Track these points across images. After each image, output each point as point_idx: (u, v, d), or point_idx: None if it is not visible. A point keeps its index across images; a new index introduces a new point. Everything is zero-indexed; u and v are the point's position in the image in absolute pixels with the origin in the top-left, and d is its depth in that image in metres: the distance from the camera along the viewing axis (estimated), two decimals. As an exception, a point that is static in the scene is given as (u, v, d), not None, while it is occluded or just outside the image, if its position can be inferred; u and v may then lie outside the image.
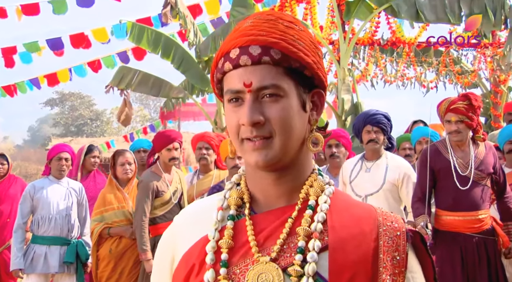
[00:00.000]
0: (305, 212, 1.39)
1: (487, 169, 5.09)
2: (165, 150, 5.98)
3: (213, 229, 1.42)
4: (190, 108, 17.13)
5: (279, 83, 1.33)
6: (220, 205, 1.47)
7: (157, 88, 12.17)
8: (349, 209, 1.42)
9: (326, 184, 1.46)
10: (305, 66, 1.37)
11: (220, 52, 1.41)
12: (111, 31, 13.51)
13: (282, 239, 1.36)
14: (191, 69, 11.32)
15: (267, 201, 1.43)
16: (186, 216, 1.55)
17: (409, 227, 1.41)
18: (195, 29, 10.53)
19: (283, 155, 1.36)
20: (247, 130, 1.34)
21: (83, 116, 56.31)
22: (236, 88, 1.35)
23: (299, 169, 1.43)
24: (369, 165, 5.50)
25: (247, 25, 1.38)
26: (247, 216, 1.42)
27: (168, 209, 5.99)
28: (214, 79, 1.45)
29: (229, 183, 1.52)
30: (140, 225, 5.78)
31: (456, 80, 10.40)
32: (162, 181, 5.97)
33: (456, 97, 5.19)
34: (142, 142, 7.65)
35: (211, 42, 9.18)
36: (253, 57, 1.33)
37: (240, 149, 1.39)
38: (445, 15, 7.28)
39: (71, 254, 6.03)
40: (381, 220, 1.39)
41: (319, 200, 1.40)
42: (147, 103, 63.35)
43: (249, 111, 1.32)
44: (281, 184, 1.41)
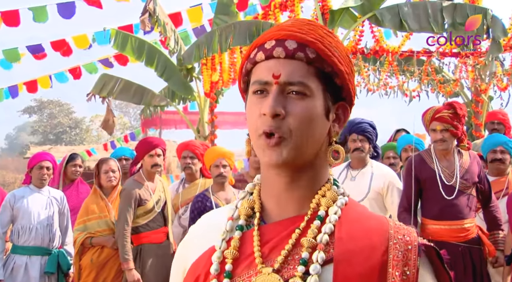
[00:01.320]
0: (313, 222, 1.35)
1: (472, 178, 5.11)
2: (147, 156, 5.91)
3: (220, 239, 1.40)
4: (171, 116, 17.05)
5: (308, 82, 1.31)
6: (231, 215, 1.45)
7: (139, 96, 12.10)
8: (361, 221, 1.37)
9: (340, 194, 1.41)
10: (337, 73, 1.35)
11: (255, 43, 1.39)
12: (93, 38, 13.41)
13: (287, 250, 1.32)
14: (173, 77, 11.28)
15: (279, 209, 1.40)
16: (200, 225, 1.54)
17: (423, 241, 1.35)
18: (176, 37, 10.49)
19: (298, 156, 1.33)
20: (266, 121, 1.31)
21: (62, 124, 55.79)
22: (265, 79, 1.33)
23: (313, 176, 1.40)
24: (355, 174, 5.49)
25: (288, 24, 1.37)
26: (256, 226, 1.39)
27: (151, 217, 5.91)
28: (242, 70, 1.43)
29: (243, 192, 1.51)
30: (122, 234, 5.70)
31: (438, 89, 10.45)
32: (144, 189, 5.90)
33: (441, 106, 5.20)
34: (123, 150, 7.57)
35: (195, 50, 9.13)
36: (287, 51, 1.32)
37: (256, 145, 1.35)
38: (428, 24, 7.32)
39: (52, 264, 5.94)
40: (392, 233, 1.34)
41: (329, 210, 1.36)
42: (127, 111, 63.01)
43: (272, 101, 1.29)
44: (294, 189, 1.38)
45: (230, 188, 5.87)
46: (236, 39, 8.20)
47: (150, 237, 5.91)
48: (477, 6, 7.56)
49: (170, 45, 10.18)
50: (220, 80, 9.93)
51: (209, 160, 5.81)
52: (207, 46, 8.77)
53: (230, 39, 8.23)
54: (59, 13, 12.41)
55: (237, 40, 8.21)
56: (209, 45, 8.70)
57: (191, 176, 6.59)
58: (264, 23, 7.95)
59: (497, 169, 5.96)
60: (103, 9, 12.16)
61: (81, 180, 7.50)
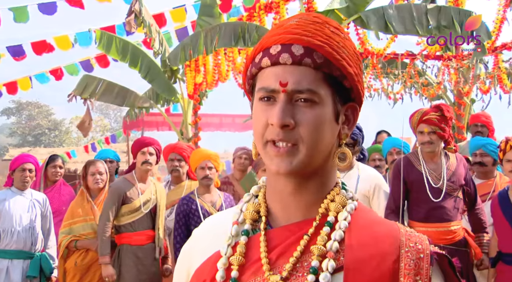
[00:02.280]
0: (322, 228, 1.31)
1: (459, 181, 5.12)
2: (139, 153, 5.86)
3: (225, 245, 1.36)
4: (153, 118, 16.94)
5: (316, 89, 1.27)
6: (236, 219, 1.40)
7: (121, 97, 12.01)
8: (371, 227, 1.33)
9: (349, 198, 1.37)
10: (346, 76, 1.30)
11: (260, 46, 1.34)
12: (74, 39, 13.27)
13: (295, 257, 1.28)
14: (157, 78, 11.21)
15: (285, 213, 1.36)
16: (204, 229, 1.49)
17: (435, 249, 1.32)
18: (161, 38, 10.42)
19: (307, 164, 1.29)
20: (273, 132, 1.27)
21: (41, 126, 55.35)
22: (271, 87, 1.28)
23: (322, 180, 1.36)
24: (341, 176, 5.42)
25: (292, 23, 1.31)
26: (262, 231, 1.35)
27: (136, 218, 5.82)
28: (247, 74, 1.38)
29: (247, 195, 1.47)
30: (102, 228, 5.65)
31: (421, 92, 10.49)
32: (133, 188, 5.83)
33: (429, 108, 5.21)
34: (108, 152, 7.50)
35: (181, 52, 9.06)
36: (294, 57, 1.27)
37: (263, 152, 1.31)
38: (413, 27, 7.34)
39: (34, 268, 5.83)
40: (404, 240, 1.30)
41: (339, 216, 1.32)
42: (107, 113, 62.67)
43: (280, 111, 1.25)
44: (302, 194, 1.34)
45: (215, 190, 5.83)
46: (221, 40, 8.15)
47: (131, 238, 5.81)
48: (461, 9, 7.60)
49: (155, 47, 10.09)
50: (204, 82, 9.87)
51: (195, 162, 5.77)
52: (192, 47, 8.70)
53: (216, 41, 8.18)
54: (40, 11, 12.28)
55: (222, 41, 8.16)
56: (194, 47, 8.63)
57: (178, 178, 6.55)
58: (249, 25, 7.90)
59: (479, 172, 5.98)
60: (85, 9, 12.08)
61: (64, 182, 7.41)
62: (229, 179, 7.10)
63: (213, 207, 5.66)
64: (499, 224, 5.11)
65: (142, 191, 5.87)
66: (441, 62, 10.31)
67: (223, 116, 18.50)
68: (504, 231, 5.01)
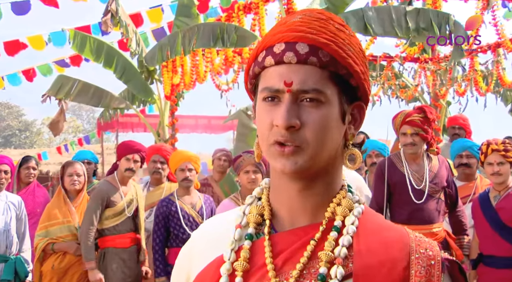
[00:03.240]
0: (329, 233, 1.26)
1: (441, 182, 5.14)
2: (124, 159, 5.78)
3: (229, 250, 1.30)
4: (128, 119, 16.77)
5: (322, 88, 1.22)
6: (239, 222, 1.35)
7: (97, 98, 11.83)
8: (379, 232, 1.29)
9: (355, 202, 1.32)
10: (352, 74, 1.26)
11: (262, 44, 1.28)
12: (48, 39, 13.07)
13: (302, 263, 1.23)
14: (133, 79, 11.07)
15: (290, 217, 1.31)
16: (204, 231, 1.43)
17: (446, 255, 1.28)
18: (138, 38, 10.32)
19: (312, 165, 1.24)
20: (279, 133, 1.22)
21: (11, 127, 54.62)
22: (275, 87, 1.23)
23: (328, 182, 1.30)
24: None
25: (296, 20, 1.26)
26: (266, 235, 1.29)
27: (120, 221, 5.76)
28: (249, 73, 1.32)
29: (250, 197, 1.40)
30: (86, 233, 5.56)
31: (399, 94, 10.55)
32: (116, 191, 5.77)
33: (412, 110, 5.22)
34: (85, 153, 7.37)
35: (158, 52, 8.97)
36: (299, 56, 1.22)
37: (268, 153, 1.26)
38: (392, 29, 7.35)
39: (9, 271, 5.69)
40: (414, 246, 1.26)
41: (346, 220, 1.28)
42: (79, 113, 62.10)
43: (286, 113, 1.20)
44: (307, 196, 1.29)
45: (195, 192, 5.78)
46: (199, 41, 8.07)
47: (115, 241, 5.75)
48: (440, 12, 7.62)
49: (132, 47, 9.98)
50: (181, 82, 9.79)
51: (175, 164, 5.72)
52: (170, 48, 8.62)
53: (194, 41, 8.09)
54: (13, 11, 12.08)
55: (200, 42, 8.08)
56: (172, 47, 8.54)
57: (158, 180, 6.49)
58: (228, 25, 7.84)
59: (463, 174, 6.01)
60: (59, 8, 11.90)
61: (38, 184, 7.28)
62: (208, 180, 7.06)
63: (193, 208, 5.62)
64: (480, 226, 5.14)
65: (125, 194, 5.80)
66: (418, 64, 10.39)
67: (199, 117, 18.43)
68: (485, 233, 5.04)
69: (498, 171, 4.90)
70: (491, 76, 9.94)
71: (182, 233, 5.50)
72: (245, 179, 5.20)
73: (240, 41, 7.68)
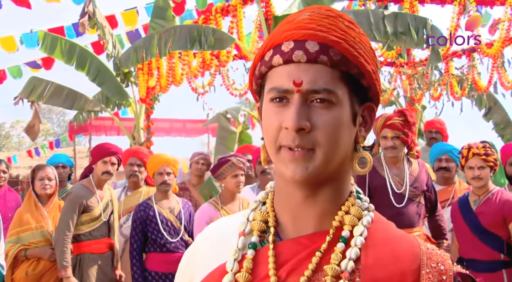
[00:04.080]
0: (336, 245, 1.20)
1: (421, 186, 5.13)
2: (101, 162, 5.66)
3: (231, 259, 1.24)
4: (101, 122, 16.58)
5: (333, 89, 1.16)
6: (242, 230, 1.28)
7: (70, 100, 11.64)
8: (389, 243, 1.23)
9: (364, 209, 1.26)
10: (364, 74, 1.20)
11: (269, 43, 1.22)
12: (20, 40, 12.86)
13: (306, 276, 1.17)
14: (107, 81, 10.91)
15: (295, 224, 1.25)
16: (207, 236, 1.37)
17: (459, 268, 1.23)
18: (114, 41, 10.17)
19: (324, 170, 1.18)
20: (288, 136, 1.16)
21: (-21, 130, 53.73)
22: (284, 87, 1.17)
23: (337, 188, 1.25)
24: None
25: (304, 18, 1.20)
26: (271, 244, 1.23)
27: (96, 226, 5.65)
28: (255, 72, 1.26)
29: (254, 202, 1.34)
30: (62, 239, 5.41)
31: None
32: (93, 195, 5.64)
33: (393, 113, 5.21)
34: (60, 157, 7.20)
35: (133, 54, 8.83)
36: (309, 54, 1.16)
37: (276, 157, 1.20)
38: (371, 32, 7.35)
39: (-17, 276, 5.54)
40: (425, 260, 1.21)
41: (355, 231, 1.21)
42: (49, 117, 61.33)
43: (296, 114, 1.14)
44: (314, 203, 1.23)
45: (174, 197, 5.71)
46: (176, 43, 7.98)
47: (91, 246, 5.64)
48: (417, 16, 7.66)
49: (108, 49, 9.83)
50: (157, 85, 9.69)
51: (153, 167, 5.63)
52: (145, 50, 8.51)
53: (170, 43, 8.00)
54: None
55: (177, 44, 7.99)
56: (147, 49, 8.43)
57: (136, 184, 6.38)
58: (205, 28, 7.77)
59: (442, 177, 6.02)
60: (32, 9, 11.71)
61: (9, 188, 7.12)
62: (186, 184, 6.98)
63: (171, 213, 5.55)
64: (459, 230, 5.14)
65: (101, 198, 5.69)
66: (394, 68, 10.44)
67: (174, 121, 18.31)
68: (465, 237, 5.05)
69: (479, 175, 4.91)
70: (466, 81, 10.03)
71: (160, 238, 5.42)
72: (234, 182, 5.15)
73: (218, 44, 7.62)
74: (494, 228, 4.89)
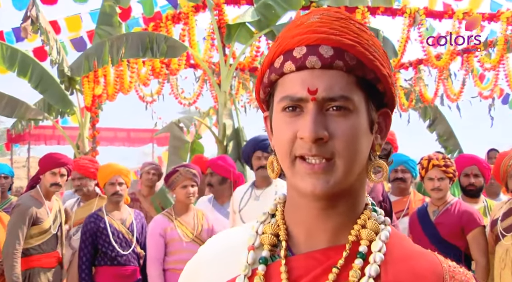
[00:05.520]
0: (354, 261, 1.12)
1: (377, 197, 5.12)
2: (49, 173, 5.44)
3: (242, 275, 1.15)
4: (41, 131, 16.05)
5: (350, 95, 1.09)
6: (252, 243, 1.19)
7: (10, 108, 11.19)
8: (409, 259, 1.16)
9: (381, 223, 1.18)
10: (380, 78, 1.13)
11: (279, 48, 1.14)
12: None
13: None
14: (50, 89, 10.56)
15: (308, 238, 1.17)
16: (212, 248, 1.27)
17: None
18: (58, 47, 9.85)
19: (345, 182, 1.10)
20: (304, 147, 1.09)
21: None
22: (298, 96, 1.09)
23: (353, 201, 1.17)
24: (259, 193, 5.32)
25: (314, 21, 1.12)
26: (283, 259, 1.15)
27: (45, 239, 5.43)
28: (263, 80, 1.17)
29: (263, 214, 1.25)
30: (12, 254, 5.17)
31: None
32: (42, 207, 5.40)
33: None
34: (2, 167, 6.89)
35: (84, 62, 8.57)
36: (324, 60, 1.08)
37: (291, 170, 1.12)
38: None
39: None
40: (448, 279, 1.15)
41: (373, 246, 1.14)
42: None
43: (312, 124, 1.07)
44: (330, 216, 1.15)
45: (125, 208, 5.56)
46: (128, 51, 7.79)
47: (41, 260, 5.40)
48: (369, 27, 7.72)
49: (52, 55, 9.50)
50: (104, 93, 9.43)
51: (104, 177, 5.47)
52: (97, 57, 8.27)
53: (122, 51, 7.81)
54: None
55: (129, 52, 7.81)
56: (99, 57, 8.20)
57: (86, 196, 6.16)
58: (158, 35, 7.63)
59: (398, 188, 6.04)
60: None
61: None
62: (136, 195, 6.82)
63: (123, 224, 5.41)
64: (418, 240, 5.13)
65: (50, 209, 5.47)
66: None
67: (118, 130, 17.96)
68: (424, 248, 5.05)
69: (439, 186, 4.93)
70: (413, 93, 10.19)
71: (111, 251, 5.27)
72: (183, 193, 5.07)
73: (170, 52, 7.49)
74: (452, 239, 4.93)
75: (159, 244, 5.01)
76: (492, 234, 4.97)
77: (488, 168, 5.61)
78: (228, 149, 7.69)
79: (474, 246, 4.88)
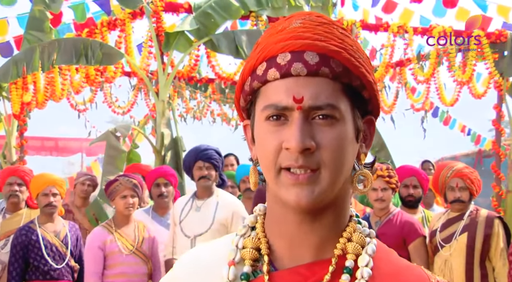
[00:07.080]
0: (341, 276, 1.08)
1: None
2: None
3: None
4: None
5: (337, 103, 1.06)
6: (232, 258, 1.14)
7: None
8: (397, 275, 1.13)
9: (366, 236, 1.14)
10: (365, 85, 1.10)
11: (261, 54, 1.08)
12: None
13: None
14: (-26, 96, 10.15)
15: (291, 252, 1.12)
16: (189, 265, 1.22)
17: None
18: (-18, 52, 9.45)
19: (330, 193, 1.06)
20: (291, 158, 1.04)
21: None
22: (283, 104, 1.05)
23: (338, 212, 1.13)
24: (200, 203, 5.25)
25: (297, 26, 1.07)
26: (266, 274, 1.10)
27: None
28: (244, 88, 1.12)
29: (243, 227, 1.18)
30: None
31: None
32: None
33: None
34: None
35: (12, 68, 8.21)
36: (309, 67, 1.05)
37: (275, 181, 1.07)
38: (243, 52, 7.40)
39: None
40: None
41: (359, 260, 1.10)
42: None
43: (299, 133, 1.03)
44: (314, 229, 1.10)
45: (59, 219, 5.37)
46: (60, 57, 7.53)
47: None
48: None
49: (-25, 61, 9.09)
50: (33, 101, 9.09)
51: (37, 188, 5.28)
52: (26, 63, 7.94)
53: (54, 57, 7.54)
54: None
55: (62, 58, 7.55)
56: (28, 63, 7.87)
57: (15, 205, 5.88)
58: (92, 42, 7.42)
59: None
60: None
61: None
62: (69, 206, 6.59)
63: (57, 237, 5.24)
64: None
65: None
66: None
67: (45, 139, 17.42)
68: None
69: (382, 197, 4.96)
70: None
71: (44, 265, 5.07)
72: (122, 204, 4.95)
73: (106, 59, 7.30)
74: (395, 249, 4.87)
75: (98, 257, 4.86)
76: (431, 244, 5.05)
77: (427, 179, 5.71)
78: (166, 158, 7.56)
79: (415, 256, 4.92)
